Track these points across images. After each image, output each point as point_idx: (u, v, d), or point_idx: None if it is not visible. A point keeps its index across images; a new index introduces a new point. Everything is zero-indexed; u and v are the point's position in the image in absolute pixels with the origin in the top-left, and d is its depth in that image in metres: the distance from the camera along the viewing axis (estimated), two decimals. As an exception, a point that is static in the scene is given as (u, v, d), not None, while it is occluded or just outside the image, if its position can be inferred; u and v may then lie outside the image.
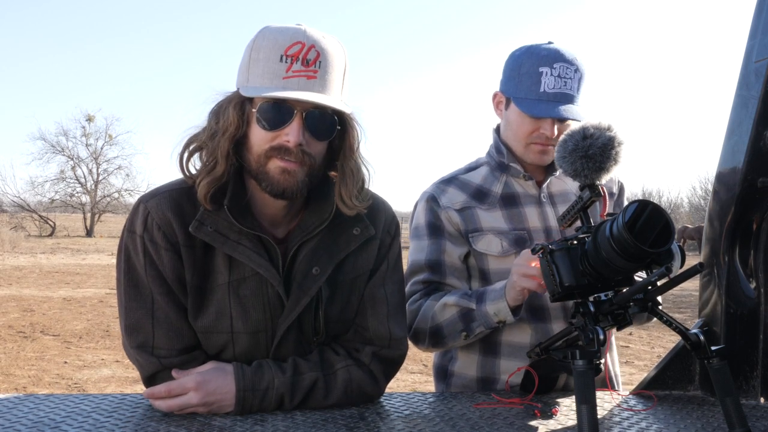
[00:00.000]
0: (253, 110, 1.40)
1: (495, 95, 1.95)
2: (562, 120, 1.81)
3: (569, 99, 1.81)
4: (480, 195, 1.91)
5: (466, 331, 1.74)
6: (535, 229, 1.86)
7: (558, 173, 1.92)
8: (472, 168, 1.98)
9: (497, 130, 1.98)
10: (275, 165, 1.39)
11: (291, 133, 1.37)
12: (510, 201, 1.90)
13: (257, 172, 1.42)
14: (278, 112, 1.38)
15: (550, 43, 1.86)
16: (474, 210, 1.88)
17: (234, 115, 1.40)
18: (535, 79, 1.80)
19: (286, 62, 1.36)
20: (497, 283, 1.74)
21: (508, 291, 1.65)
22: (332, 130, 1.43)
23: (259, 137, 1.40)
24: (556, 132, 1.81)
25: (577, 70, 1.82)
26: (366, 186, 1.52)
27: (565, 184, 1.94)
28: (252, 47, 1.40)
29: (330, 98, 1.39)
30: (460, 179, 1.95)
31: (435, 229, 1.88)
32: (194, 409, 1.41)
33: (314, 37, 1.38)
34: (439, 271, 1.86)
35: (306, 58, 1.37)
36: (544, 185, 1.92)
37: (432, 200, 1.91)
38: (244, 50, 1.43)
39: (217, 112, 1.43)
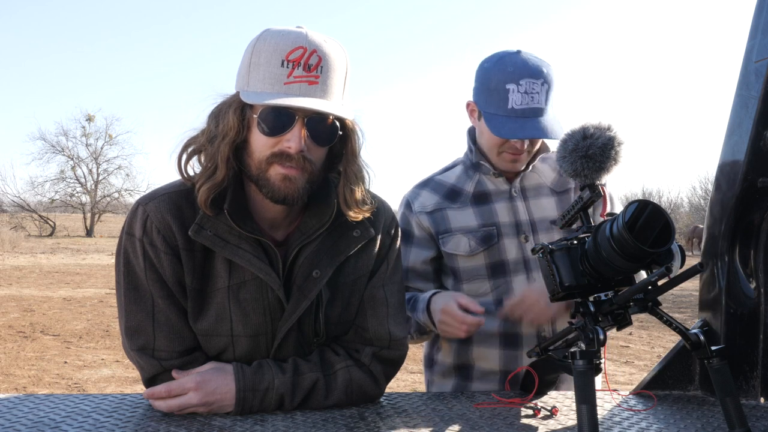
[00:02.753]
0: (254, 115, 1.38)
1: (468, 104, 1.98)
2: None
3: (538, 113, 1.82)
4: (453, 195, 1.99)
5: (411, 334, 1.92)
6: (504, 224, 1.93)
7: (531, 168, 1.98)
8: (448, 168, 2.07)
9: (471, 132, 2.04)
10: (276, 171, 1.38)
11: (292, 140, 1.36)
12: (481, 198, 1.97)
13: (258, 178, 1.40)
14: (279, 118, 1.36)
15: (518, 52, 1.86)
16: (445, 211, 1.96)
17: (234, 120, 1.38)
18: (503, 96, 1.82)
19: (287, 67, 1.35)
20: (425, 293, 1.88)
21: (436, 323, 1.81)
22: (334, 135, 1.42)
23: (260, 143, 1.39)
24: (526, 145, 1.88)
25: (544, 82, 1.82)
26: (367, 188, 1.52)
27: (539, 178, 1.99)
28: (252, 51, 1.38)
29: (332, 104, 1.38)
30: (435, 180, 2.04)
31: (402, 235, 1.93)
32: (194, 409, 1.41)
33: (316, 42, 1.37)
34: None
35: (308, 63, 1.35)
36: (516, 180, 1.97)
37: (406, 206, 2.01)
38: (244, 52, 1.41)
39: (217, 116, 1.41)
